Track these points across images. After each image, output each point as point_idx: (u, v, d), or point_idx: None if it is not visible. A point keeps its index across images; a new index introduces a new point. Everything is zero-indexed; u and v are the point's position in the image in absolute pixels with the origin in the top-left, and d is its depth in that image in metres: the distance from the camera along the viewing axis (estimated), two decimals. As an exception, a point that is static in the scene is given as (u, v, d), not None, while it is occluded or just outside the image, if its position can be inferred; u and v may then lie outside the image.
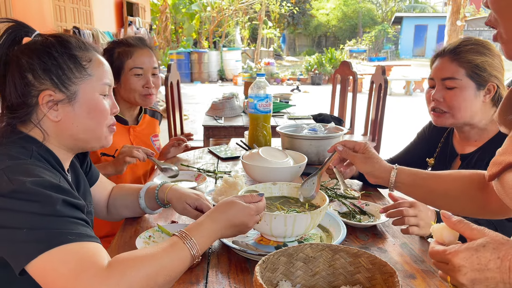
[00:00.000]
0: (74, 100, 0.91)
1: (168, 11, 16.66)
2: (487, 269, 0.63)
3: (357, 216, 1.27)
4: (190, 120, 7.53)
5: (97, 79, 0.95)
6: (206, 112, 3.36)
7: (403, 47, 27.52)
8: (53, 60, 0.89)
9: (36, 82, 0.88)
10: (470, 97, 1.35)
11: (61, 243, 0.72)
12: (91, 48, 0.97)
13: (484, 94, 1.35)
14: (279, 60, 23.07)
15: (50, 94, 0.89)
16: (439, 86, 1.40)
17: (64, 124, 0.92)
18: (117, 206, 1.26)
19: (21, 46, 0.91)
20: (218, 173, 1.72)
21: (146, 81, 1.70)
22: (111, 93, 1.01)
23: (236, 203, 0.93)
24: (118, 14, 9.14)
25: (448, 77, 1.37)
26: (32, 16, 4.96)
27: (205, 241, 0.87)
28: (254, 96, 1.81)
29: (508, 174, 0.77)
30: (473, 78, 1.34)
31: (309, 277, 0.83)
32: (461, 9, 9.48)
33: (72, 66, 0.91)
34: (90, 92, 0.93)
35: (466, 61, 1.34)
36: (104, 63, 0.99)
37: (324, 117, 3.15)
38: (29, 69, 0.88)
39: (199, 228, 0.88)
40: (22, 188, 0.75)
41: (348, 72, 3.75)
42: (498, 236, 0.66)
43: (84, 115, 0.93)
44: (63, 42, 0.92)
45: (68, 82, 0.90)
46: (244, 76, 13.89)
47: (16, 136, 0.90)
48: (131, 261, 0.75)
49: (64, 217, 0.76)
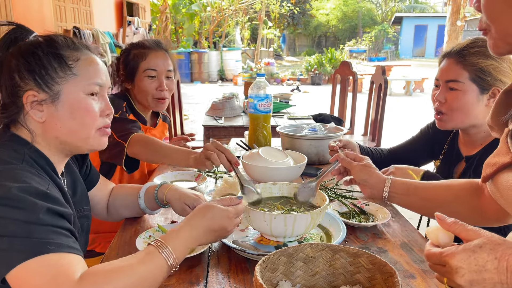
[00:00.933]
0: (57, 100, 0.89)
1: (168, 11, 16.65)
2: (485, 270, 0.63)
3: (357, 216, 1.27)
4: (190, 120, 7.53)
5: (84, 79, 0.92)
6: (206, 112, 3.36)
7: (403, 47, 27.54)
8: (37, 60, 0.88)
9: (21, 82, 0.88)
10: (471, 100, 1.34)
11: (40, 253, 0.71)
12: (82, 47, 0.95)
13: (488, 98, 1.34)
14: (279, 60, 23.07)
15: (33, 94, 0.88)
16: (443, 88, 1.40)
17: (49, 125, 0.90)
18: (117, 206, 1.26)
19: (14, 48, 0.91)
20: (218, 173, 1.72)
21: (159, 84, 1.69)
22: (103, 94, 0.98)
23: (214, 207, 0.91)
24: (118, 14, 9.14)
25: (451, 79, 1.36)
26: (32, 16, 4.96)
27: (183, 249, 0.85)
28: (254, 96, 1.81)
29: (502, 175, 0.78)
30: (476, 82, 1.32)
31: (309, 277, 0.83)
32: (461, 9, 9.48)
33: (57, 66, 0.89)
34: (74, 92, 0.91)
35: (470, 64, 1.32)
36: (97, 62, 0.96)
37: (324, 117, 3.15)
38: (16, 70, 0.88)
39: (176, 236, 0.85)
40: (7, 194, 0.74)
41: (348, 72, 3.75)
42: (494, 236, 0.66)
43: (67, 115, 0.90)
44: (50, 41, 0.91)
45: (51, 82, 0.89)
46: (244, 76, 13.88)
47: (6, 136, 0.90)
48: (104, 274, 0.73)
49: (46, 226, 0.74)
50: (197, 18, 18.63)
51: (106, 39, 6.91)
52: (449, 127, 1.42)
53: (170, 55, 1.76)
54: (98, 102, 0.96)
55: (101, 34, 6.85)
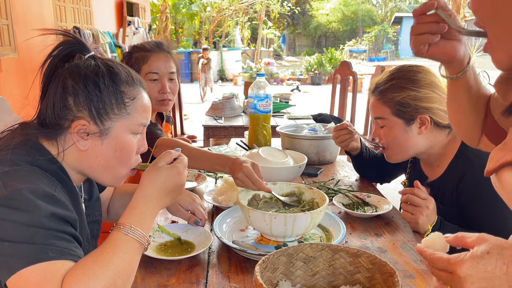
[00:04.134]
0: (105, 136, 0.88)
1: (168, 11, 16.67)
2: (495, 277, 0.63)
3: (360, 207, 1.32)
4: (190, 120, 7.53)
5: (135, 119, 0.91)
6: (206, 112, 3.36)
7: (403, 47, 27.50)
8: (97, 91, 0.86)
9: (74, 107, 0.86)
10: (400, 133, 1.31)
11: (41, 260, 0.70)
12: (138, 84, 0.93)
13: (418, 126, 1.29)
14: (279, 60, 23.07)
15: (84, 124, 0.86)
16: (375, 124, 1.39)
17: (88, 156, 0.89)
18: (116, 207, 1.25)
19: (72, 66, 0.88)
20: (218, 173, 1.72)
21: (161, 86, 1.69)
22: (143, 131, 0.97)
23: (161, 168, 0.89)
24: (118, 14, 9.13)
25: (377, 116, 1.36)
26: (32, 16, 4.95)
27: (146, 222, 0.83)
28: (254, 96, 1.81)
29: (506, 173, 0.76)
30: (399, 115, 1.30)
31: (309, 277, 0.83)
32: (461, 9, 9.48)
33: (114, 102, 0.88)
34: (123, 131, 0.90)
35: (388, 99, 1.31)
36: (147, 101, 0.95)
37: (324, 117, 3.15)
38: (72, 93, 0.85)
39: (134, 212, 0.83)
40: (14, 195, 0.73)
41: (348, 72, 3.75)
42: (499, 240, 0.65)
43: (110, 152, 0.89)
44: (113, 73, 0.89)
45: (105, 117, 0.87)
46: (244, 76, 13.89)
47: (30, 143, 0.86)
48: (83, 277, 0.71)
49: (49, 230, 0.73)
50: (197, 18, 18.65)
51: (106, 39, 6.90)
52: (397, 160, 1.39)
53: (173, 56, 1.75)
54: (137, 140, 0.94)
55: (101, 34, 6.85)
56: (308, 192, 1.18)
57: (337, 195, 1.41)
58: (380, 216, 1.28)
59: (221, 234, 1.09)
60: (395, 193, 1.21)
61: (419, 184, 1.18)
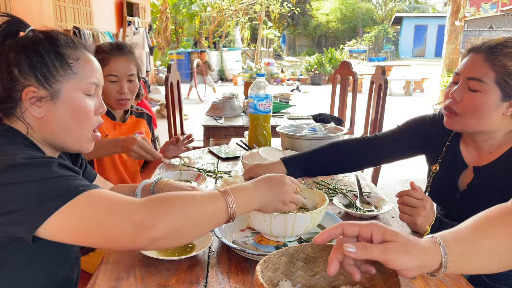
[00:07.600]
0: (57, 98, 0.90)
1: (168, 11, 16.67)
2: None
3: (360, 207, 1.32)
4: (190, 120, 7.53)
5: (83, 78, 0.94)
6: (206, 112, 3.36)
7: (403, 47, 27.54)
8: (39, 57, 0.88)
9: (21, 77, 0.88)
10: (490, 105, 1.17)
11: (77, 194, 0.75)
12: (81, 46, 0.96)
13: (508, 106, 1.17)
14: (279, 60, 23.08)
15: (33, 90, 0.88)
16: (462, 85, 1.21)
17: (46, 121, 0.91)
18: None
19: (12, 41, 0.91)
20: (218, 173, 1.72)
21: (120, 87, 1.76)
22: (98, 93, 1.00)
23: (283, 177, 0.98)
24: (118, 14, 9.14)
25: (474, 77, 1.18)
26: (32, 16, 4.95)
27: (243, 203, 0.88)
28: (254, 96, 1.81)
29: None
30: (501, 86, 1.15)
31: (309, 277, 0.83)
32: (461, 9, 9.48)
33: (58, 64, 0.90)
34: (73, 91, 0.92)
35: (500, 65, 1.15)
36: (93, 62, 0.98)
37: (324, 117, 3.15)
38: (16, 64, 0.88)
39: (239, 189, 0.90)
40: (16, 162, 0.76)
41: (348, 72, 3.75)
42: None
43: (65, 113, 0.92)
44: (52, 39, 0.91)
45: (52, 80, 0.90)
46: (244, 76, 13.89)
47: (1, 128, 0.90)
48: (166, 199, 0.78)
49: (65, 177, 0.78)
50: (197, 18, 18.65)
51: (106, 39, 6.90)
52: (457, 128, 1.26)
53: (134, 58, 1.81)
54: (93, 101, 0.97)
55: (101, 34, 6.85)
56: (308, 192, 1.18)
57: (337, 195, 1.41)
58: (380, 216, 1.28)
59: (221, 234, 1.09)
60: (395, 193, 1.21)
61: (414, 184, 1.18)
